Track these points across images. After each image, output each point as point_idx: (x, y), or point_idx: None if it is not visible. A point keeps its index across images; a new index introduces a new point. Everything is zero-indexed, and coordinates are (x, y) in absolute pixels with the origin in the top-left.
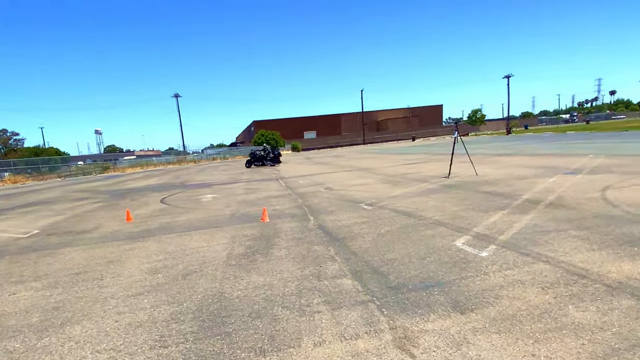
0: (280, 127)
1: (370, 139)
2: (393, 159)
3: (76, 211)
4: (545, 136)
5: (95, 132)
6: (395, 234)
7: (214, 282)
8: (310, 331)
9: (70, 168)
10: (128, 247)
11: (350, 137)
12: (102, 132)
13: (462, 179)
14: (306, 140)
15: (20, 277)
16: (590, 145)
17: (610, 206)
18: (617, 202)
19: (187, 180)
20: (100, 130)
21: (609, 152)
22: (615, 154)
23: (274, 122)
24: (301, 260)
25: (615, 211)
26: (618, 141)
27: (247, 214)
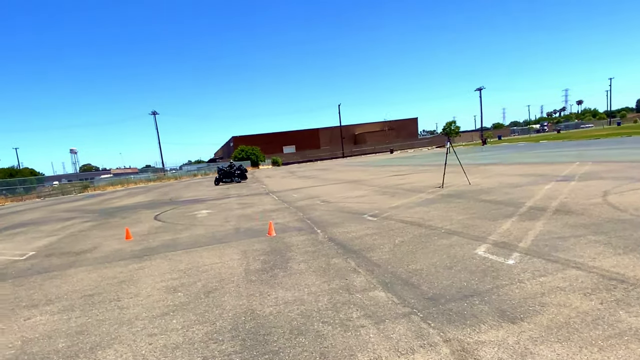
0: (259, 142)
1: (349, 152)
2: (378, 171)
3: (68, 231)
4: (521, 146)
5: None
6: (411, 244)
7: (241, 299)
8: (361, 347)
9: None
10: (136, 266)
11: (329, 150)
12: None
13: (457, 189)
14: (286, 155)
15: (31, 300)
16: (568, 153)
17: (618, 211)
18: (623, 207)
19: (175, 197)
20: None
21: (590, 159)
22: (598, 160)
23: (253, 138)
24: (323, 273)
25: (625, 215)
26: (594, 149)
27: (250, 229)
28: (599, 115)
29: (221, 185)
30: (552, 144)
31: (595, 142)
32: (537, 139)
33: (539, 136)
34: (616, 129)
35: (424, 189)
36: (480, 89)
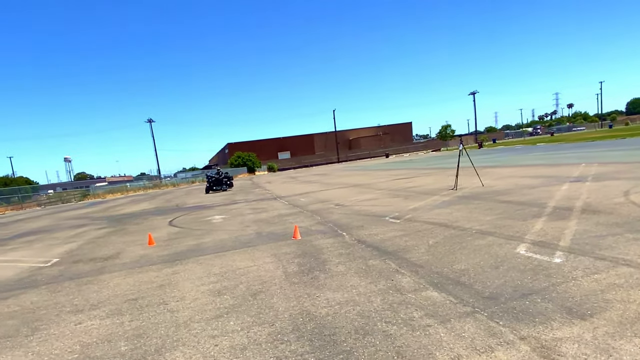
0: (254, 148)
1: (345, 157)
2: (380, 174)
3: (85, 238)
4: (518, 149)
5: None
6: (447, 245)
7: (290, 301)
8: (436, 346)
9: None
10: (170, 270)
11: (324, 156)
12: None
13: (472, 191)
14: (281, 161)
15: (74, 306)
16: (569, 155)
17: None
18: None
19: (180, 203)
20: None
21: (595, 161)
22: (603, 162)
23: (248, 144)
24: (365, 274)
25: None
26: (594, 150)
27: (273, 233)
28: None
29: (211, 193)
30: (549, 146)
31: (592, 145)
32: (533, 142)
33: (534, 139)
34: (609, 132)
35: (437, 191)
36: (474, 93)
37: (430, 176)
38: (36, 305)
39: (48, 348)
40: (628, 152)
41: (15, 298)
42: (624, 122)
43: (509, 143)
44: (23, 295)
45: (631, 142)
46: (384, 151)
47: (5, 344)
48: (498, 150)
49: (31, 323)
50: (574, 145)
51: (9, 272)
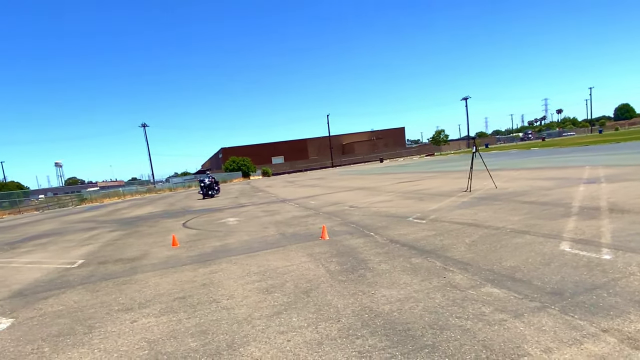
0: (248, 153)
1: (339, 162)
2: (382, 178)
3: (101, 240)
4: (513, 153)
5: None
6: (485, 243)
7: (347, 298)
8: (522, 339)
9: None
10: (206, 270)
11: (317, 160)
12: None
13: (487, 192)
14: (275, 165)
15: (122, 304)
16: (568, 158)
17: None
18: None
19: (186, 206)
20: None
21: (597, 164)
22: (607, 165)
23: (241, 149)
24: (413, 272)
25: None
26: (591, 154)
27: (296, 234)
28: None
29: (207, 198)
30: (544, 151)
31: (588, 149)
32: (527, 147)
33: (527, 144)
34: (600, 137)
35: (450, 193)
36: (466, 99)
37: (435, 179)
38: (81, 305)
39: (113, 345)
40: (627, 156)
41: (55, 298)
42: (614, 127)
43: (502, 148)
44: (63, 295)
45: (625, 146)
46: (378, 156)
47: (65, 341)
48: (494, 155)
49: (84, 321)
50: (569, 150)
51: (36, 273)
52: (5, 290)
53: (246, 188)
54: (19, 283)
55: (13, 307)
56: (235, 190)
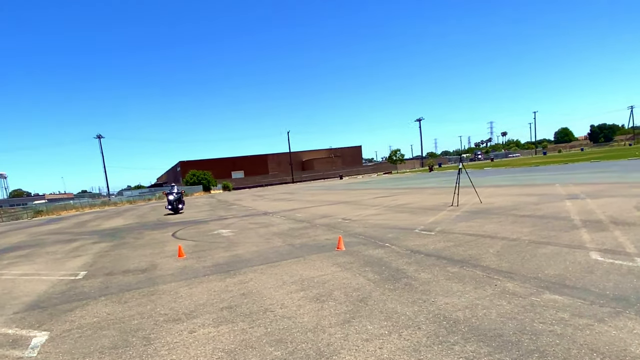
0: (207, 167)
1: (299, 178)
2: (355, 193)
3: (90, 252)
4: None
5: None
6: (512, 253)
7: (410, 305)
8: (622, 342)
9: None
10: (235, 279)
11: (277, 176)
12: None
13: (477, 207)
14: (235, 180)
15: (165, 315)
16: (529, 176)
17: None
18: None
19: (160, 219)
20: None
21: (565, 182)
22: (576, 182)
23: (201, 163)
24: (461, 281)
25: None
26: (548, 174)
27: (306, 245)
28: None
29: (174, 213)
30: (497, 170)
31: (540, 169)
32: (480, 166)
33: (479, 164)
34: (545, 158)
35: (437, 207)
36: (420, 120)
37: (411, 195)
38: (117, 316)
39: (186, 356)
40: (586, 175)
41: (81, 309)
42: (555, 149)
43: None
44: (88, 307)
45: (575, 167)
46: (337, 173)
47: (128, 353)
48: (449, 174)
49: (133, 333)
50: (522, 170)
51: (39, 285)
52: (18, 303)
53: (213, 201)
54: (26, 295)
55: (39, 320)
56: (203, 204)
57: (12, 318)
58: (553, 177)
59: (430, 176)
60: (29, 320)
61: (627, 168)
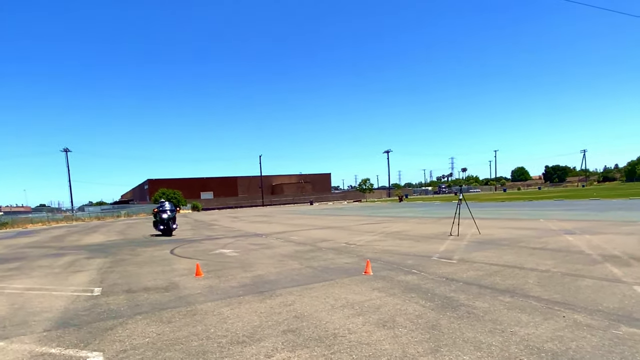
0: (176, 186)
1: (268, 202)
2: (337, 219)
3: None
4: (437, 204)
5: None
6: (553, 284)
7: (488, 335)
8: None
9: None
10: (275, 301)
11: (247, 199)
12: None
13: (479, 238)
14: (204, 201)
15: (225, 337)
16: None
17: None
18: None
19: (146, 236)
20: None
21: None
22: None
23: (169, 182)
24: (524, 311)
25: None
26: (516, 209)
27: (328, 268)
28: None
29: (159, 233)
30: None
31: (506, 204)
32: (449, 199)
33: (446, 197)
34: (506, 194)
35: (438, 236)
36: (388, 152)
37: (398, 223)
38: (170, 336)
39: None
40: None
41: (122, 328)
42: (514, 187)
43: (425, 199)
44: (129, 326)
45: (541, 204)
46: (307, 198)
47: None
48: (420, 205)
49: (202, 355)
50: (492, 204)
51: (56, 301)
52: (41, 319)
53: (190, 221)
54: (46, 311)
55: (80, 339)
56: (181, 223)
57: (46, 336)
58: (530, 212)
59: (402, 206)
60: (69, 339)
61: (595, 207)
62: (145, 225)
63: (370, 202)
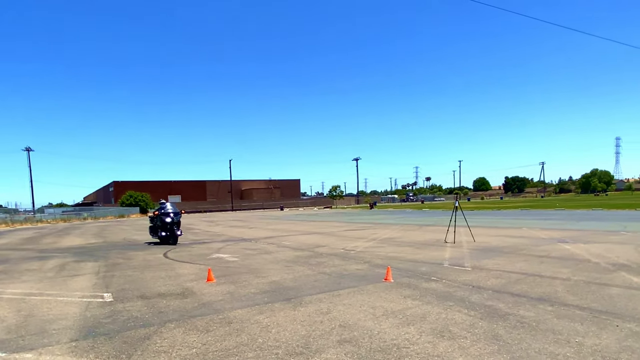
0: (143, 189)
1: (238, 206)
2: (316, 225)
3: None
4: (408, 212)
5: None
6: (586, 293)
7: (560, 345)
8: None
9: None
10: (310, 309)
11: (216, 203)
12: None
13: (476, 245)
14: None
15: (278, 347)
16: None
17: None
18: None
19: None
20: None
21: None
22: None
23: (136, 184)
24: (574, 321)
25: None
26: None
27: (342, 274)
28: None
29: (157, 241)
30: (436, 212)
31: (475, 213)
32: (419, 207)
33: (416, 205)
34: (471, 204)
35: (434, 243)
36: (357, 159)
37: (384, 230)
38: (218, 347)
39: None
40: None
41: (160, 337)
42: (476, 196)
43: (395, 206)
44: (165, 335)
45: (509, 213)
46: (277, 204)
47: None
48: (395, 212)
49: None
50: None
51: (67, 307)
52: (60, 328)
53: None
54: (61, 318)
55: (118, 349)
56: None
57: (77, 346)
58: (509, 221)
59: (374, 213)
60: (105, 350)
61: (566, 217)
62: (120, 228)
63: (341, 208)
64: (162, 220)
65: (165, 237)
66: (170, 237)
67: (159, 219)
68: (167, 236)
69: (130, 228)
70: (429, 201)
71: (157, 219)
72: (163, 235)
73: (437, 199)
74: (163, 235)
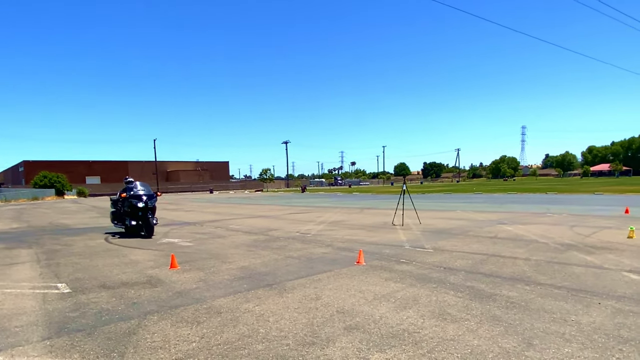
0: (57, 169)
1: (164, 189)
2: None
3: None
4: (340, 195)
5: None
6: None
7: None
8: None
9: None
10: (297, 295)
11: None
12: None
13: (424, 227)
14: (90, 186)
15: (285, 337)
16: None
17: None
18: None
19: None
20: None
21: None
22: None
23: (49, 164)
24: (558, 299)
25: None
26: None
27: (310, 259)
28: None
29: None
30: (368, 196)
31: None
32: (349, 191)
33: (344, 188)
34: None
35: (384, 226)
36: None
37: (328, 213)
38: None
39: None
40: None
41: (146, 331)
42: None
43: (326, 190)
44: (152, 329)
45: (435, 196)
46: (206, 186)
47: None
48: (327, 195)
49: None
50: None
51: (19, 300)
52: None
53: (88, 207)
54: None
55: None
56: (80, 210)
57: (54, 345)
58: (440, 204)
59: (308, 197)
60: (90, 348)
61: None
62: (40, 211)
63: (272, 191)
64: (132, 205)
65: (135, 227)
66: (142, 227)
67: (127, 202)
68: (138, 226)
69: (52, 212)
70: (356, 185)
71: (124, 202)
72: (132, 225)
73: (363, 183)
74: (133, 224)
